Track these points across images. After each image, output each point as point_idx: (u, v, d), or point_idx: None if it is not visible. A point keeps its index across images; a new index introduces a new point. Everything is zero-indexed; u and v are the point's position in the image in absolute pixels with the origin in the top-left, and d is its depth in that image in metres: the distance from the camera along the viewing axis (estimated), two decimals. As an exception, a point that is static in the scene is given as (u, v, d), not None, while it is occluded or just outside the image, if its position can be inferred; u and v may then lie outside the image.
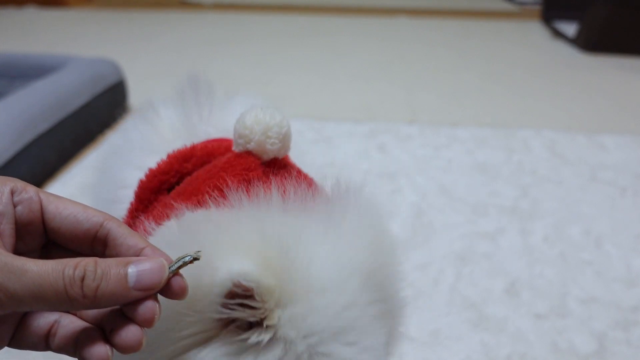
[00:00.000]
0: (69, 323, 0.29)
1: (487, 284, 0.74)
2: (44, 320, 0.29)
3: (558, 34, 2.24)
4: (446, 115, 1.37)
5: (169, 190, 0.46)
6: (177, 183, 0.46)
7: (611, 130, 1.27)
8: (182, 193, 0.39)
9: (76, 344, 0.28)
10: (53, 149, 1.04)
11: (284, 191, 0.37)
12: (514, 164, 1.09)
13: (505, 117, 1.37)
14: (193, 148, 0.47)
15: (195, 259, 0.29)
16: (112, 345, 0.28)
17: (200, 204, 0.37)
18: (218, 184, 0.37)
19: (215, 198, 0.37)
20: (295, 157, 0.46)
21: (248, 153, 0.40)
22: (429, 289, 0.73)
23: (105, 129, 0.67)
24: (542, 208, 0.93)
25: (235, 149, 0.40)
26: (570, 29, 2.15)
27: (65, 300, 0.26)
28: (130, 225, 0.46)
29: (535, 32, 2.37)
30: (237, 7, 2.83)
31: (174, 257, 0.29)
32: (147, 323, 0.28)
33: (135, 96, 1.35)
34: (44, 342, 0.29)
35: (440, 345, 0.64)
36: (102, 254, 0.30)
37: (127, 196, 0.49)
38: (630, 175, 1.05)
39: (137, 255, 0.29)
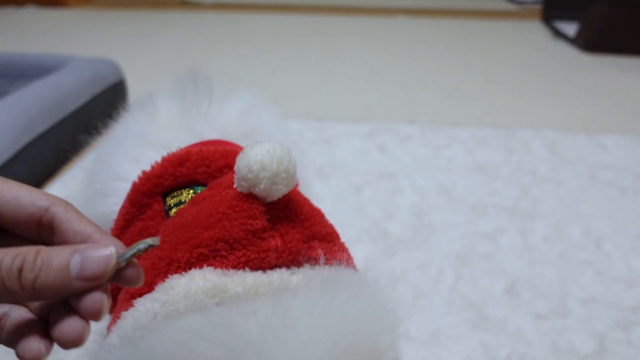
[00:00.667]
0: (17, 316, 0.27)
1: (487, 284, 0.74)
2: None
3: (558, 34, 2.24)
4: (446, 115, 1.37)
5: (164, 195, 0.45)
6: (171, 187, 0.46)
7: (611, 130, 1.27)
8: (184, 241, 0.37)
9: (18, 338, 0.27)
10: (53, 149, 1.04)
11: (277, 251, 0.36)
12: (514, 164, 1.09)
13: (505, 117, 1.37)
14: (188, 152, 0.47)
15: (152, 246, 0.27)
16: (53, 339, 0.26)
17: (203, 258, 0.36)
18: (221, 235, 0.36)
19: (219, 252, 0.36)
20: (297, 157, 0.46)
21: (252, 195, 0.38)
22: (429, 289, 0.73)
23: (106, 129, 0.67)
24: (542, 208, 0.93)
25: (237, 188, 0.39)
26: (570, 28, 2.15)
27: (3, 292, 0.24)
28: (124, 228, 0.46)
29: (535, 31, 2.37)
30: (237, 7, 2.82)
31: None
32: (93, 316, 0.26)
33: (135, 96, 1.35)
34: None
35: (440, 345, 0.64)
36: (50, 241, 0.28)
37: (119, 189, 0.49)
38: (630, 175, 1.05)
39: (85, 242, 0.27)
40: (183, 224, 0.38)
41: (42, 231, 0.28)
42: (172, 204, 0.44)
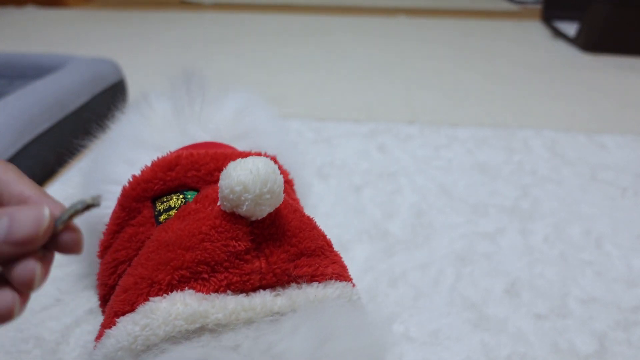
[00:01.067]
0: None
1: (487, 284, 0.74)
2: None
3: (558, 34, 2.24)
4: (446, 115, 1.37)
5: (154, 200, 0.45)
6: (161, 192, 0.45)
7: (611, 130, 1.27)
8: (166, 262, 0.36)
9: None
10: (53, 149, 1.03)
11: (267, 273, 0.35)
12: (514, 164, 1.09)
13: (505, 117, 1.36)
14: (178, 156, 0.46)
15: (91, 205, 0.25)
16: None
17: (184, 280, 0.35)
18: (203, 257, 0.36)
19: (200, 274, 0.35)
20: (296, 157, 0.46)
21: (235, 215, 0.37)
22: (429, 289, 0.73)
23: (103, 131, 0.68)
24: (543, 208, 0.93)
25: (221, 207, 0.38)
26: (570, 28, 2.15)
27: None
28: (115, 233, 0.45)
29: (535, 31, 2.37)
30: (237, 7, 2.82)
31: None
32: (24, 286, 0.24)
33: (135, 96, 1.34)
34: None
35: (440, 345, 0.63)
36: None
37: (112, 192, 0.49)
38: (630, 175, 1.05)
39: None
40: (166, 242, 0.37)
41: None
42: (162, 210, 0.43)
